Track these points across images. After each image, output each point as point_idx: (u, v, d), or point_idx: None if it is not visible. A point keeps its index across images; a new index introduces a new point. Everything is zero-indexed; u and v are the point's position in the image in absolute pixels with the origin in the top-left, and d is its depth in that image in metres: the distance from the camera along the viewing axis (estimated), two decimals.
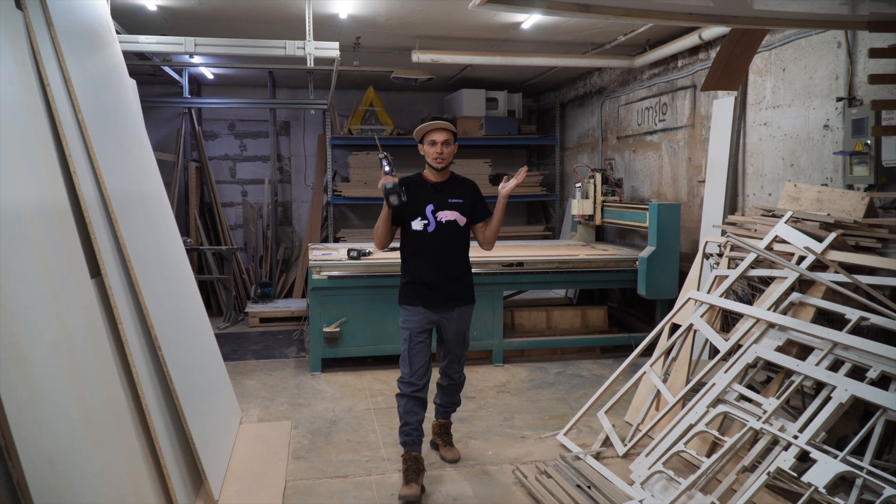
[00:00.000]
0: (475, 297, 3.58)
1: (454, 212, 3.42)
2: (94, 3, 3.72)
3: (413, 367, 3.37)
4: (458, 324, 3.49)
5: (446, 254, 3.43)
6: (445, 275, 3.42)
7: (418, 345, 3.39)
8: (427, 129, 3.41)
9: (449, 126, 3.40)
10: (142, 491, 2.58)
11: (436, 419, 3.79)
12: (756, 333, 3.43)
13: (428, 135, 3.40)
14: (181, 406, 3.05)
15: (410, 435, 3.36)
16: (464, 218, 3.45)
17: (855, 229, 3.53)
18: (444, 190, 3.44)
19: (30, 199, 2.23)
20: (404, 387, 3.39)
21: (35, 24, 2.67)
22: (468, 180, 3.57)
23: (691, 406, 3.35)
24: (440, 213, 3.40)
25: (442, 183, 3.46)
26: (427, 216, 3.39)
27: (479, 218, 3.52)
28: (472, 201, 3.48)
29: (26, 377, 1.91)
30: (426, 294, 3.41)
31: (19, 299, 1.99)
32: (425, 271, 3.41)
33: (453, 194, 3.45)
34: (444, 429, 3.75)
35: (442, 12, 5.12)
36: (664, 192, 6.22)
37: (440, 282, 3.41)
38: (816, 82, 4.32)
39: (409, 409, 3.37)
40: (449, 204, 3.42)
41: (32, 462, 1.84)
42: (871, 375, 2.83)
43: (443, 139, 3.36)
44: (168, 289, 3.43)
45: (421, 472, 3.32)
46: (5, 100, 2.26)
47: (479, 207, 3.51)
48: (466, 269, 3.55)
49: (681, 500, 2.93)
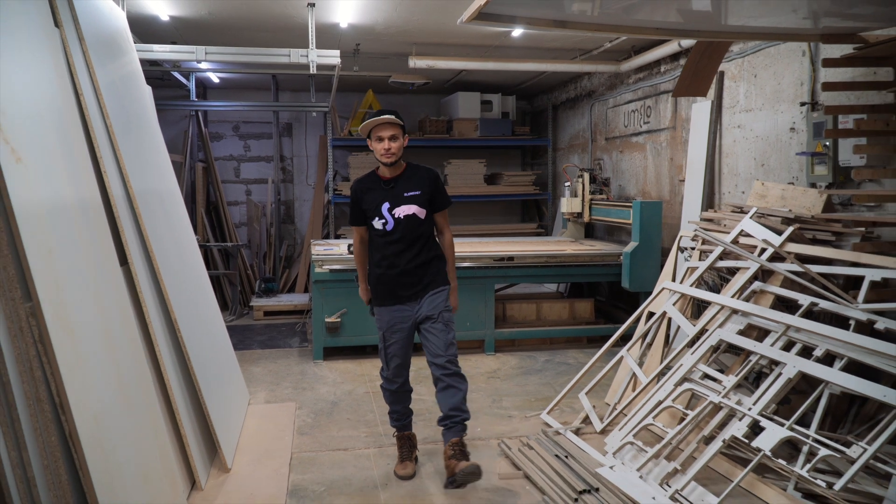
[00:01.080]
0: (447, 280, 3.46)
1: (411, 205, 3.32)
2: (114, 14, 4.06)
3: (390, 365, 3.43)
4: (431, 307, 3.34)
5: (409, 248, 3.34)
6: (408, 269, 3.34)
7: (393, 345, 3.39)
8: (371, 125, 3.30)
9: (394, 119, 3.29)
10: (166, 458, 2.90)
11: (445, 441, 3.30)
12: (721, 319, 3.76)
13: (374, 130, 3.30)
14: (198, 383, 3.38)
15: (400, 420, 3.53)
16: (423, 209, 3.35)
17: (813, 224, 3.86)
18: (398, 185, 3.35)
19: (72, 195, 2.55)
20: (386, 382, 3.50)
21: (70, 39, 2.99)
22: (426, 169, 3.45)
23: (660, 385, 3.68)
24: (397, 210, 3.31)
25: (396, 178, 3.37)
26: (384, 215, 3.32)
27: (438, 207, 3.43)
28: (430, 191, 3.37)
29: (74, 346, 2.24)
30: (393, 290, 3.37)
31: (68, 280, 2.32)
32: (389, 269, 3.35)
33: (408, 187, 3.35)
34: (457, 448, 3.24)
35: (437, 21, 5.45)
36: (649, 190, 6.54)
37: (404, 276, 3.34)
38: (784, 88, 4.64)
39: (395, 400, 3.50)
40: (405, 198, 3.33)
41: (82, 417, 2.16)
42: (817, 354, 3.16)
43: (389, 134, 3.27)
44: (185, 278, 3.75)
45: (414, 449, 3.53)
46: (51, 107, 2.59)
47: (438, 197, 3.41)
48: (433, 256, 3.42)
49: (647, 467, 3.26)
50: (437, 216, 3.46)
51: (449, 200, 3.47)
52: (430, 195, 3.38)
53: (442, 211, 3.46)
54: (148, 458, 2.69)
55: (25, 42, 2.50)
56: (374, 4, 5.01)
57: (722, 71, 5.24)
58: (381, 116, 3.29)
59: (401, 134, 3.34)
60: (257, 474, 3.40)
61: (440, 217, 3.47)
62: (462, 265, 5.62)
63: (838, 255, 3.53)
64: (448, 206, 3.47)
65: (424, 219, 3.36)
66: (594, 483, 3.15)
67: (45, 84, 2.60)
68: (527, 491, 3.24)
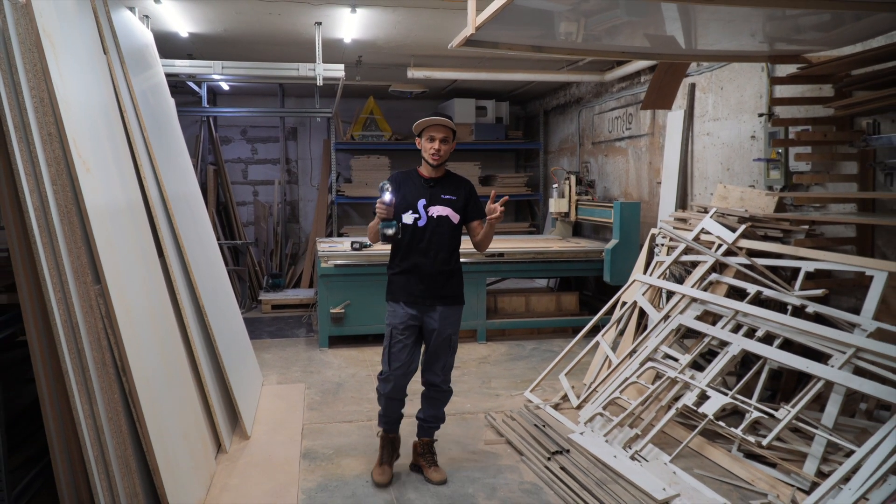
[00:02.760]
0: (463, 298, 3.45)
1: (447, 208, 3.35)
2: (144, 33, 4.58)
3: (392, 365, 3.33)
4: (443, 324, 3.33)
5: (436, 249, 3.32)
6: (432, 271, 3.32)
7: (399, 343, 3.33)
8: (427, 123, 3.35)
9: (449, 123, 3.34)
10: (198, 422, 3.39)
11: (417, 437, 3.58)
12: (682, 306, 4.25)
13: (427, 130, 3.35)
14: (222, 361, 3.88)
15: (389, 422, 3.49)
16: (456, 215, 3.37)
17: (764, 222, 4.35)
18: (437, 186, 3.38)
19: (123, 197, 3.05)
20: (383, 385, 3.39)
21: (113, 62, 3.49)
22: (464, 179, 3.50)
23: (628, 365, 4.17)
24: (432, 209, 3.33)
25: (436, 179, 3.40)
26: (419, 210, 3.33)
27: (472, 217, 3.42)
28: (465, 199, 3.40)
29: (131, 321, 2.73)
30: (410, 288, 3.34)
31: (124, 268, 2.81)
32: (412, 265, 3.33)
33: (447, 191, 3.38)
34: (427, 448, 3.53)
35: (433, 37, 5.94)
36: (630, 191, 7.04)
37: (426, 277, 3.32)
38: (746, 99, 5.14)
39: (389, 407, 3.44)
40: (442, 200, 3.35)
41: (139, 377, 2.66)
42: (759, 334, 3.65)
43: (441, 136, 3.32)
44: (208, 270, 4.25)
45: (395, 453, 3.50)
46: (104, 122, 3.08)
47: (472, 206, 3.43)
48: (456, 268, 3.43)
49: (613, 433, 3.76)
50: (475, 225, 3.42)
51: (483, 212, 3.36)
52: (465, 203, 3.40)
53: (478, 221, 3.42)
54: (186, 419, 3.19)
55: (83, 67, 2.99)
56: (375, 22, 5.51)
57: (693, 83, 5.73)
58: (438, 117, 3.33)
59: (451, 138, 3.37)
60: (274, 441, 3.89)
61: (478, 227, 3.42)
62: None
63: (782, 250, 4.02)
64: (482, 217, 3.39)
65: (456, 224, 3.37)
66: (566, 446, 3.64)
67: (98, 102, 3.09)
68: (508, 453, 3.74)
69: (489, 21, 3.05)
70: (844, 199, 4.10)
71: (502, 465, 3.60)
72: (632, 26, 3.53)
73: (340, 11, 5.12)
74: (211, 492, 3.23)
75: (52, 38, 2.64)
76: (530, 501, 3.20)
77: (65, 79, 2.67)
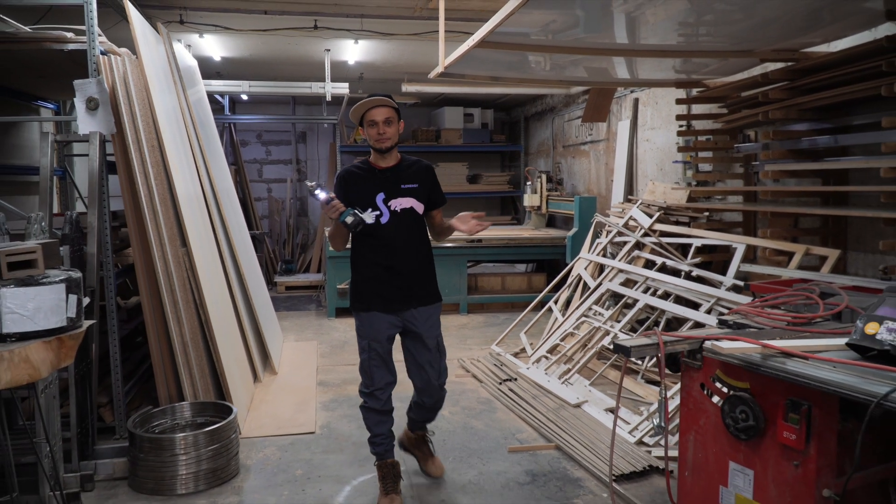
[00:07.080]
0: (440, 294, 3.17)
1: (409, 198, 3.02)
2: (190, 58, 5.81)
3: (374, 378, 3.02)
4: (425, 327, 3.05)
5: (404, 246, 3.01)
6: (403, 270, 3.00)
7: (378, 357, 3.01)
8: (363, 108, 2.96)
9: (387, 101, 2.98)
10: (241, 361, 4.62)
11: (410, 431, 3.39)
12: (612, 276, 5.47)
13: (366, 115, 2.98)
14: (256, 315, 5.11)
15: (382, 445, 3.13)
16: (420, 204, 3.05)
17: (678, 211, 5.57)
18: (394, 175, 3.03)
19: (191, 189, 4.29)
20: (367, 399, 3.07)
21: (177, 84, 4.72)
22: (422, 162, 3.15)
23: (566, 319, 5.40)
24: (393, 202, 3.00)
25: (392, 168, 3.05)
26: (378, 206, 2.98)
27: (436, 204, 3.14)
28: (428, 186, 3.08)
29: (204, 274, 3.94)
30: (385, 293, 3.00)
31: (197, 238, 4.05)
32: (381, 268, 3.00)
33: (406, 179, 3.03)
34: (422, 440, 3.39)
35: (421, 60, 7.18)
36: (592, 188, 8.26)
37: (398, 277, 3.00)
38: (673, 112, 6.34)
39: (376, 422, 3.10)
40: (402, 190, 3.01)
41: (211, 312, 3.89)
42: (659, 293, 4.87)
43: (383, 117, 2.95)
44: (245, 248, 5.50)
45: (398, 479, 3.14)
46: (179, 131, 4.32)
47: (435, 193, 3.13)
48: (427, 261, 3.11)
49: (552, 369, 4.98)
50: (436, 213, 3.18)
51: (444, 198, 3.20)
52: (428, 190, 3.09)
53: (439, 209, 3.19)
54: (237, 350, 4.43)
55: (164, 88, 4.23)
56: (374, 49, 6.73)
57: (637, 98, 6.95)
58: (372, 98, 2.98)
59: (396, 118, 3.01)
60: (296, 375, 5.13)
61: (438, 214, 3.19)
62: (443, 245, 7.33)
63: (684, 231, 5.25)
64: (444, 203, 3.19)
65: (421, 214, 3.09)
66: (514, 376, 4.87)
67: (175, 117, 4.33)
68: (471, 382, 4.98)
69: (455, 63, 4.27)
70: (734, 192, 5.32)
71: (466, 388, 4.83)
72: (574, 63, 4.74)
73: (345, 42, 6.36)
74: (253, 402, 4.48)
75: (152, 79, 3.88)
76: (483, 408, 4.43)
77: (159, 105, 3.91)
